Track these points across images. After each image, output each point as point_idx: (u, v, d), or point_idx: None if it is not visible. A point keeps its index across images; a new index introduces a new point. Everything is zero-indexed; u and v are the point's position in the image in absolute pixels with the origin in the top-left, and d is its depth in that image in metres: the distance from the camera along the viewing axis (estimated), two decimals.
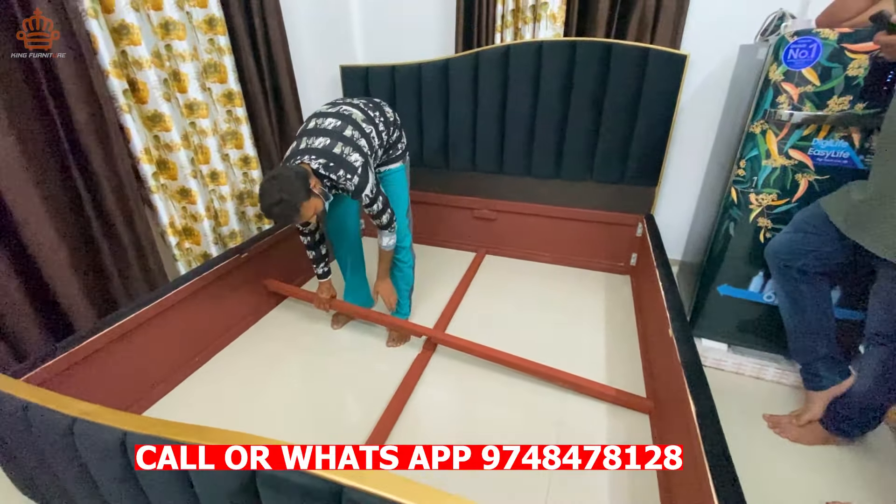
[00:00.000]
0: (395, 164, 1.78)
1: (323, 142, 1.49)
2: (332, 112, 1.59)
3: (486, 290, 2.35)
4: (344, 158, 1.49)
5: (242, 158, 2.20)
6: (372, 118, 1.64)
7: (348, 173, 1.48)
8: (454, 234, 2.79)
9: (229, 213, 2.14)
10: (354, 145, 1.52)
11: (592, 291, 2.33)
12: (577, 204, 2.42)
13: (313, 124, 1.55)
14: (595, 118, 2.20)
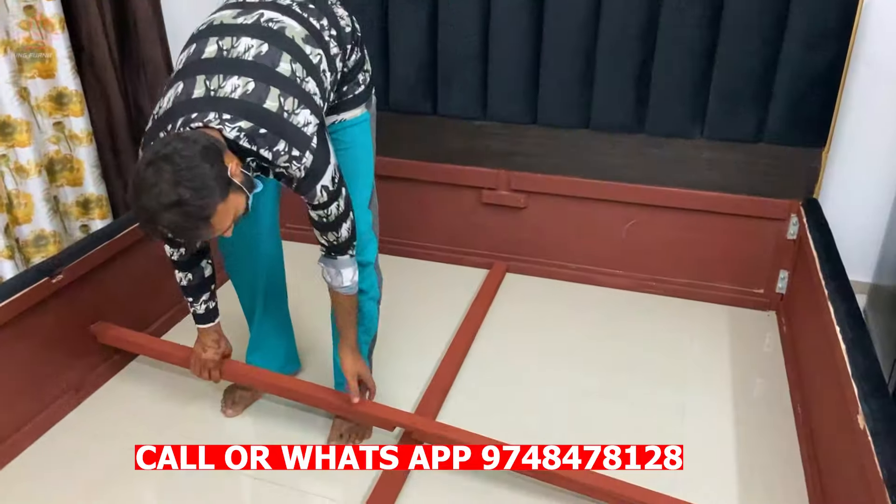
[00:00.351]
0: (352, 110, 1.71)
1: (240, 85, 1.38)
2: (245, 24, 1.46)
3: (508, 338, 2.33)
4: (286, 120, 1.39)
5: (55, 96, 2.16)
6: (318, 32, 1.54)
7: (295, 148, 1.39)
8: (449, 235, 2.76)
9: (33, 200, 2.09)
10: (299, 93, 1.43)
11: (707, 339, 2.31)
12: (676, 181, 2.40)
13: (213, 48, 1.42)
14: (709, 20, 2.16)
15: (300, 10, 1.53)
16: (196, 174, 1.24)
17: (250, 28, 1.45)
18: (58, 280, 1.86)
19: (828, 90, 2.14)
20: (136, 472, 1.78)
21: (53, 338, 1.92)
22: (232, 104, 1.35)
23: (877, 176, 2.35)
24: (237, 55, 1.40)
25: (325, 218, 1.53)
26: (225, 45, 1.42)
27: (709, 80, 2.23)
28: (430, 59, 2.48)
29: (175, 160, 1.23)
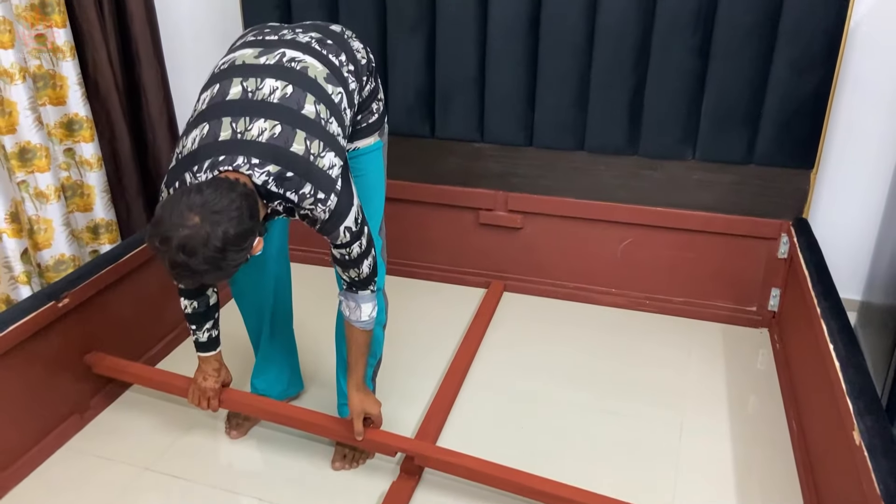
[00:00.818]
0: (365, 139, 1.73)
1: (267, 128, 1.39)
2: (269, 65, 1.47)
3: (506, 357, 2.35)
4: (312, 163, 1.40)
5: (65, 123, 2.19)
6: (338, 70, 1.57)
7: (321, 191, 1.41)
8: (446, 255, 2.79)
9: (53, 225, 2.11)
10: (324, 136, 1.44)
11: (702, 357, 2.34)
12: (670, 201, 2.44)
13: (238, 90, 1.43)
14: (699, 48, 2.22)
15: (319, 48, 1.55)
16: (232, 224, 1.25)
17: (274, 69, 1.47)
18: (63, 304, 1.86)
19: (815, 114, 2.19)
20: (139, 496, 1.78)
21: (59, 361, 1.92)
22: (260, 148, 1.36)
23: (864, 196, 2.40)
24: (262, 97, 1.42)
25: (347, 256, 1.54)
26: (250, 87, 1.43)
27: (699, 104, 2.28)
28: (428, 83, 2.53)
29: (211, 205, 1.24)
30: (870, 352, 2.13)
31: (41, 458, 1.88)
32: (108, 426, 2.03)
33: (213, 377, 1.81)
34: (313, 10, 2.52)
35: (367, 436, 1.77)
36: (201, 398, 1.83)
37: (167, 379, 1.99)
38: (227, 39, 2.76)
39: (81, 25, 2.11)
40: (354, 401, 1.72)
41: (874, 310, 2.17)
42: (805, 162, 2.27)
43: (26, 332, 1.76)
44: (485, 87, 2.47)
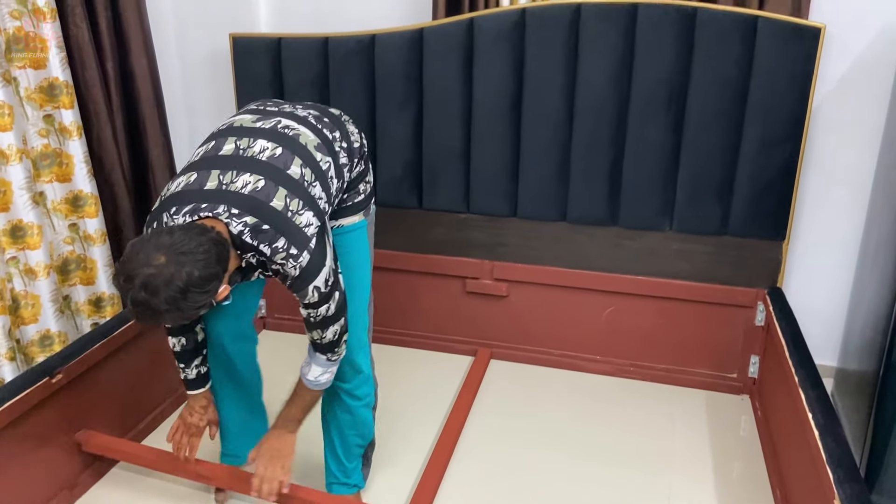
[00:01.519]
0: (350, 217, 1.78)
1: (251, 182, 1.44)
2: (263, 129, 1.56)
3: (494, 426, 2.36)
4: (288, 220, 1.44)
5: (70, 199, 2.23)
6: (330, 143, 1.64)
7: (294, 246, 1.44)
8: (434, 323, 2.83)
9: (42, 301, 2.13)
10: (305, 196, 1.49)
11: (687, 423, 2.37)
12: (650, 270, 2.52)
13: (231, 147, 1.51)
14: (673, 126, 2.33)
15: (315, 122, 1.64)
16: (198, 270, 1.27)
17: (267, 132, 1.55)
18: (57, 380, 1.87)
19: (784, 188, 2.29)
20: None
21: (50, 437, 1.91)
22: (241, 199, 1.41)
23: (836, 265, 2.49)
24: (252, 154, 1.49)
25: (314, 317, 1.56)
26: (242, 145, 1.51)
27: (675, 178, 2.38)
28: (415, 156, 2.61)
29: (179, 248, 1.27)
30: (847, 418, 2.18)
31: None
32: (102, 498, 2.02)
33: (198, 413, 1.81)
34: (306, 88, 2.62)
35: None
36: (184, 435, 1.81)
37: (158, 457, 1.98)
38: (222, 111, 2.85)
39: (88, 106, 2.18)
40: (281, 447, 1.68)
41: (850, 376, 2.23)
42: (776, 233, 2.36)
43: (20, 410, 1.76)
44: (470, 161, 2.56)
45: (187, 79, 2.87)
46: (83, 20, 2.12)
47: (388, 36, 2.50)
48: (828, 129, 2.37)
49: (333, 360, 1.66)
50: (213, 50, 2.80)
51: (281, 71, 2.64)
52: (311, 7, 2.72)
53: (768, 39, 2.17)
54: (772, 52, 2.18)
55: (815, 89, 2.21)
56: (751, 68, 2.21)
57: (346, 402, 1.83)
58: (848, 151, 2.37)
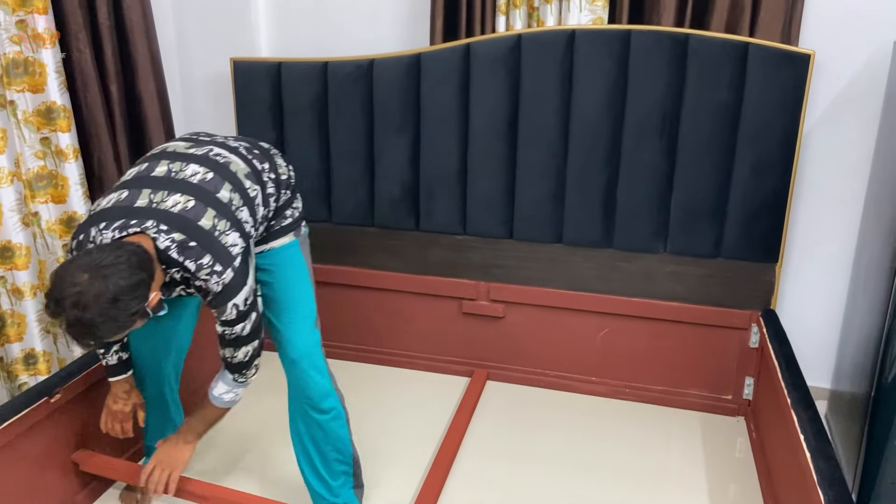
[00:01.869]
0: (280, 239, 1.84)
1: (181, 202, 1.50)
2: (196, 154, 1.63)
3: (490, 447, 2.37)
4: (215, 238, 1.50)
5: (65, 220, 2.25)
6: (259, 172, 1.72)
7: (219, 263, 1.49)
8: (430, 344, 2.84)
9: (28, 321, 2.15)
10: (232, 218, 1.55)
11: (682, 445, 2.38)
12: (645, 292, 2.54)
13: (164, 169, 1.57)
14: (666, 150, 2.37)
15: (246, 153, 1.73)
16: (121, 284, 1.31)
17: (200, 158, 1.62)
18: (56, 399, 1.89)
19: (776, 211, 2.32)
20: None
21: (48, 456, 1.92)
22: (170, 216, 1.48)
23: (829, 288, 2.51)
24: (184, 177, 1.56)
25: (229, 335, 1.63)
26: (174, 168, 1.58)
27: (668, 201, 2.41)
28: (413, 179, 2.65)
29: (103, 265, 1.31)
30: (840, 440, 2.19)
31: None
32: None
33: (122, 399, 1.85)
34: (305, 111, 2.67)
35: None
36: (112, 421, 1.85)
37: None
38: None
39: (90, 129, 2.21)
40: (177, 454, 1.75)
41: (843, 398, 2.24)
42: (769, 256, 2.38)
43: (19, 429, 1.78)
44: (467, 183, 2.60)
45: (189, 101, 2.92)
46: (86, 46, 2.17)
47: (386, 61, 2.54)
48: (819, 152, 2.40)
49: (240, 381, 1.73)
50: (215, 73, 2.85)
51: (280, 94, 2.69)
52: (310, 32, 2.77)
53: (759, 66, 2.21)
54: (762, 79, 2.22)
55: (806, 114, 2.25)
56: (742, 94, 2.25)
57: (314, 416, 1.87)
58: (839, 175, 2.40)
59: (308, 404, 1.85)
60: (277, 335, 1.84)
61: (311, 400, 1.85)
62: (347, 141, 2.67)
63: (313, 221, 2.78)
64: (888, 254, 1.85)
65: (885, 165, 2.09)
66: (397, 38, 2.68)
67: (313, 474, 1.92)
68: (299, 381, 1.83)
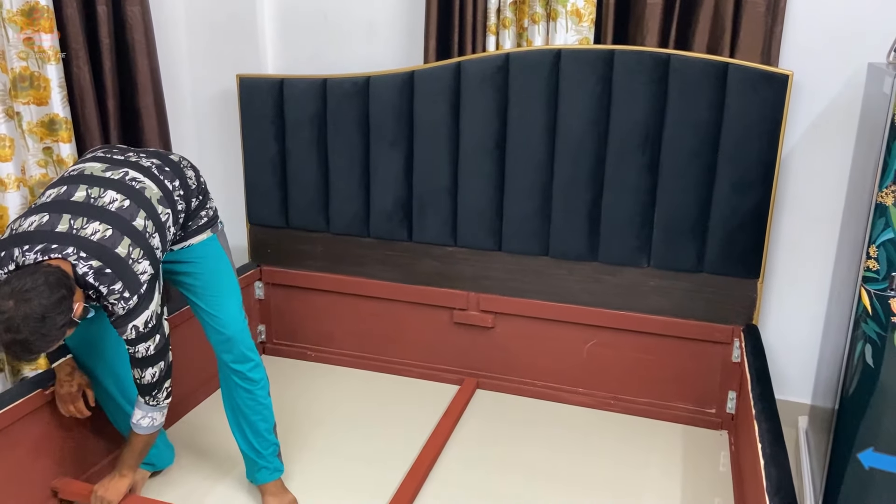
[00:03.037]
0: (197, 236, 1.99)
1: (100, 230, 1.62)
2: (112, 179, 1.73)
3: (472, 453, 2.42)
4: (128, 266, 1.63)
5: None
6: (170, 193, 1.84)
7: (127, 290, 1.63)
8: (421, 351, 2.91)
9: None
10: (145, 246, 1.69)
11: (662, 457, 2.41)
12: (629, 305, 2.58)
13: (83, 194, 1.67)
14: (649, 167, 2.42)
15: (158, 173, 1.84)
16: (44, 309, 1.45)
17: (117, 183, 1.73)
18: (51, 391, 1.99)
19: (757, 229, 2.35)
20: None
21: (39, 447, 2.02)
22: (90, 244, 1.60)
23: (810, 304, 2.53)
24: (102, 204, 1.67)
25: (134, 354, 1.75)
26: (93, 194, 1.69)
27: (651, 217, 2.46)
28: (406, 192, 2.73)
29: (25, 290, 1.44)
30: (816, 454, 2.20)
31: None
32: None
33: (67, 382, 1.95)
34: (304, 126, 2.77)
35: None
36: (66, 405, 1.95)
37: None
38: (229, 151, 3.02)
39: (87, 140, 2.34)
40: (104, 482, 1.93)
41: (818, 412, 2.26)
42: (751, 272, 2.41)
43: (12, 418, 1.88)
44: (457, 197, 2.67)
45: (198, 115, 3.04)
46: (86, 63, 2.29)
47: (381, 78, 2.64)
48: (799, 171, 2.44)
49: (152, 404, 1.84)
50: (223, 89, 2.97)
51: (283, 109, 2.80)
52: (313, 50, 2.89)
53: (738, 86, 2.26)
54: (742, 98, 2.27)
55: (786, 133, 2.29)
56: (722, 113, 2.30)
57: (246, 386, 2.03)
58: (819, 193, 2.43)
59: (240, 378, 2.01)
60: (210, 319, 1.99)
61: (243, 368, 2.01)
62: (344, 155, 2.77)
63: (312, 231, 2.90)
64: (854, 271, 1.87)
65: (858, 184, 2.11)
66: (391, 56, 2.78)
67: (246, 444, 2.08)
68: (234, 356, 1.99)
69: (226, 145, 3.03)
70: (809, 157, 2.41)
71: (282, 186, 2.89)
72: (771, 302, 2.57)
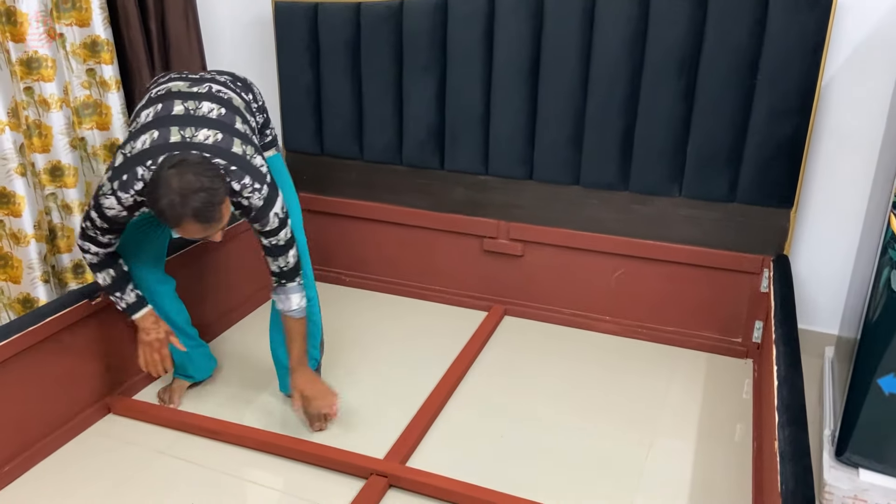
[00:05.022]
0: (267, 152, 2.08)
1: (211, 135, 1.69)
2: (200, 92, 1.80)
3: (496, 377, 2.48)
4: (248, 161, 1.72)
5: (108, 146, 2.45)
6: (248, 104, 1.94)
7: (256, 181, 1.72)
8: (451, 278, 2.96)
9: (76, 234, 2.31)
10: (254, 143, 1.77)
11: (685, 384, 2.44)
12: (659, 235, 2.58)
13: (181, 108, 1.73)
14: (684, 93, 2.37)
15: (233, 86, 1.91)
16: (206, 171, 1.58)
17: (206, 95, 1.80)
18: (96, 303, 2.11)
19: (793, 157, 2.31)
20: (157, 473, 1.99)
21: (88, 353, 2.15)
22: (208, 147, 1.68)
23: (843, 235, 2.48)
24: (202, 114, 1.74)
25: (276, 242, 1.82)
26: (190, 107, 1.75)
27: (685, 145, 2.43)
28: (438, 120, 2.74)
29: (189, 163, 1.56)
30: (839, 384, 2.20)
31: (67, 437, 2.10)
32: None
33: (154, 329, 1.99)
34: (339, 51, 2.78)
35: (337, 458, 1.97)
36: (152, 353, 1.99)
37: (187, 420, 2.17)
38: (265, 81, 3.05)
39: (131, 63, 2.40)
40: (315, 386, 2.03)
41: (843, 343, 2.25)
42: (785, 201, 2.38)
43: (62, 324, 2.00)
44: (489, 125, 2.67)
45: (235, 42, 3.07)
46: None
47: (415, 2, 2.62)
48: (840, 98, 2.36)
49: (302, 283, 1.93)
50: (259, 14, 2.99)
51: (317, 34, 2.80)
52: None
53: (780, 8, 2.18)
54: (784, 22, 2.19)
55: (828, 59, 2.22)
56: (762, 37, 2.23)
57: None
58: (858, 121, 2.36)
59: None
60: None
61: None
62: (378, 81, 2.77)
63: (346, 158, 2.94)
64: (886, 198, 1.84)
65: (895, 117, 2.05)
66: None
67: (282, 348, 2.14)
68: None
69: (262, 72, 3.06)
70: (850, 85, 2.33)
71: (317, 113, 2.92)
72: (803, 232, 2.54)
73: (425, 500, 1.89)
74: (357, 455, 1.99)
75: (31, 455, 1.99)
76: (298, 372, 2.02)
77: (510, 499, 1.81)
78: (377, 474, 1.92)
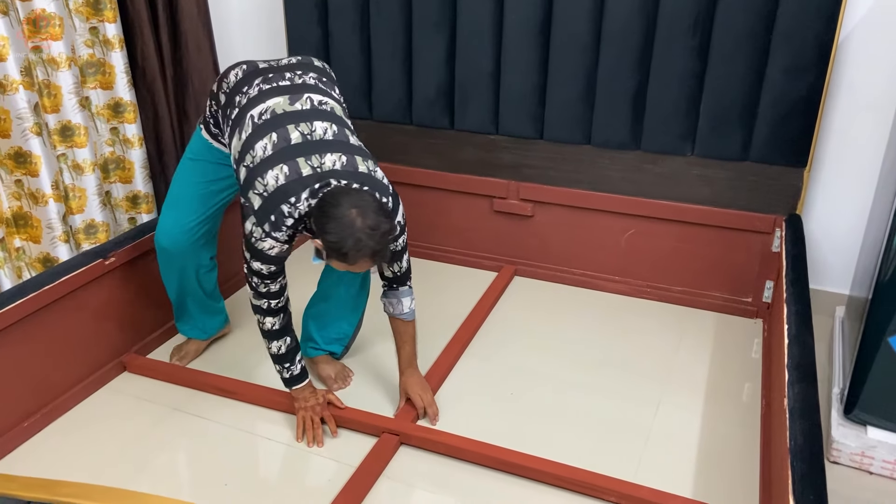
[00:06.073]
0: None
1: (336, 159, 1.68)
2: (305, 110, 1.75)
3: (506, 335, 2.50)
4: (374, 177, 1.72)
5: (111, 105, 2.44)
6: (343, 104, 1.90)
7: (384, 197, 1.71)
8: (461, 238, 2.97)
9: (87, 194, 2.37)
10: (370, 156, 1.77)
11: (694, 343, 2.45)
12: (670, 194, 2.56)
13: (297, 135, 1.69)
14: (698, 50, 2.33)
15: (325, 87, 1.87)
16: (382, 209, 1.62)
17: (313, 113, 1.76)
18: (110, 262, 2.12)
19: (807, 115, 2.28)
20: (171, 428, 2.03)
21: (104, 311, 2.18)
22: (340, 174, 1.66)
23: (856, 195, 2.47)
24: (319, 137, 1.71)
25: (395, 248, 1.82)
26: (304, 131, 1.71)
27: (698, 103, 2.40)
28: (448, 78, 2.71)
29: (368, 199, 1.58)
30: (850, 344, 2.21)
31: (84, 394, 2.15)
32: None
33: (314, 397, 1.97)
34: (347, 10, 2.74)
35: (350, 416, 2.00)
36: (313, 416, 1.96)
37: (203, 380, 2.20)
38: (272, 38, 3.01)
39: (133, 21, 2.37)
40: (411, 379, 2.04)
41: (854, 303, 2.25)
42: (798, 160, 2.35)
43: (77, 283, 2.02)
44: (500, 83, 2.64)
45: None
46: None
47: None
48: (856, 56, 2.32)
49: (412, 285, 1.96)
50: None
51: None
52: None
53: None
54: None
55: (845, 16, 2.17)
56: None
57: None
58: (875, 80, 2.32)
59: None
60: None
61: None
62: (387, 38, 2.74)
63: (356, 118, 2.92)
64: None
65: None
66: None
67: (314, 320, 2.19)
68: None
69: (270, 30, 3.02)
70: (867, 42, 2.29)
71: None
72: (816, 192, 2.52)
73: (436, 458, 1.93)
74: (369, 414, 2.02)
75: (49, 411, 2.03)
76: (407, 374, 2.04)
77: (520, 455, 1.84)
78: (389, 432, 1.95)
